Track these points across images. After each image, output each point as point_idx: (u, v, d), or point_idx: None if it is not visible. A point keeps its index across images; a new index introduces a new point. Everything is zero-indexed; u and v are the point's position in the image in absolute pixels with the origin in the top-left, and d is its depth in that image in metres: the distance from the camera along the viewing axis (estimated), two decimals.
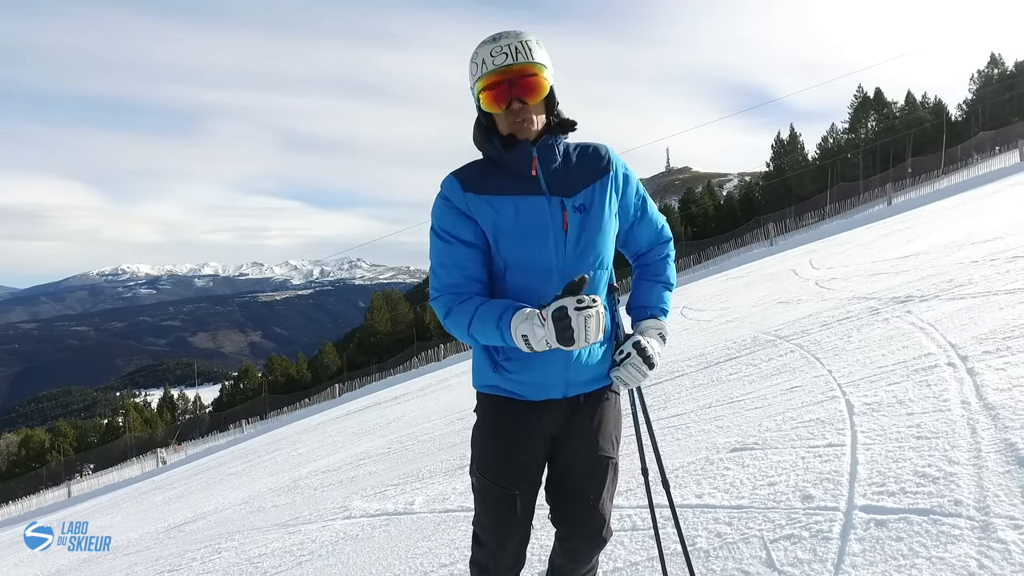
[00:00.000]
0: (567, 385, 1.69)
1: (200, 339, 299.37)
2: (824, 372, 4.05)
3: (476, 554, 1.86)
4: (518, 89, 1.57)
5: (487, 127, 1.65)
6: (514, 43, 1.55)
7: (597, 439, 1.76)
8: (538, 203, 1.61)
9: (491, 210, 1.61)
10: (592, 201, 1.65)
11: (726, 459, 3.04)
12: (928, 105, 49.20)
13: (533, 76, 1.57)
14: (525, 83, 1.57)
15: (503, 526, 1.76)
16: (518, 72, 1.56)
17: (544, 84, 1.59)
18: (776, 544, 2.12)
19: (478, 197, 1.62)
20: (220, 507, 7.34)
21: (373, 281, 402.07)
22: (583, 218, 1.63)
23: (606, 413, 1.79)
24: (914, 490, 2.12)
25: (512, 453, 1.73)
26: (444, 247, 1.64)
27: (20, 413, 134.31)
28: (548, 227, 1.60)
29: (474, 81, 1.61)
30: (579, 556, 1.80)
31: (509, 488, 1.72)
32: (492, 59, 1.56)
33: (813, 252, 15.22)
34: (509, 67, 1.55)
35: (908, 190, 30.84)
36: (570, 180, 1.64)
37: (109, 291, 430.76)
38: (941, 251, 7.72)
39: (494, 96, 1.58)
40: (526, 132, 1.60)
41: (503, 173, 1.63)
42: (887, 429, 2.73)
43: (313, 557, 3.73)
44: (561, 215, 1.61)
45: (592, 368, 1.72)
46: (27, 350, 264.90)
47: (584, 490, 1.74)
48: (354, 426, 12.29)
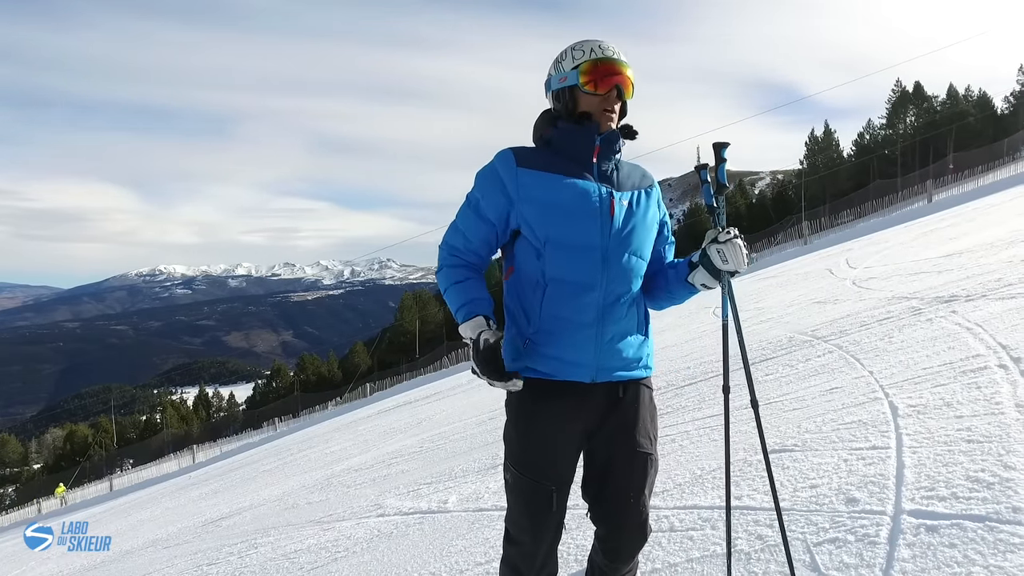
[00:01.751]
0: (597, 369, 1.69)
1: (234, 338, 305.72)
2: (865, 373, 3.94)
3: (508, 553, 1.82)
4: (619, 79, 1.69)
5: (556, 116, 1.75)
6: (611, 46, 1.71)
7: (636, 434, 1.74)
8: (588, 186, 1.70)
9: (541, 185, 1.68)
10: (638, 202, 1.76)
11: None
12: (972, 98, 47.61)
13: (629, 78, 1.72)
14: (627, 79, 1.71)
15: (538, 523, 1.74)
16: (620, 68, 1.70)
17: (631, 90, 1.73)
18: (820, 547, 2.07)
19: (530, 172, 1.69)
20: (255, 503, 7.48)
21: (403, 281, 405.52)
22: (629, 212, 1.73)
23: (645, 408, 1.78)
24: (967, 495, 2.05)
25: (545, 445, 1.71)
26: (466, 211, 1.76)
27: (65, 409, 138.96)
28: (596, 209, 1.68)
29: (576, 63, 1.70)
30: (620, 555, 1.78)
31: (543, 482, 1.70)
32: (602, 50, 1.69)
33: (849, 251, 14.86)
34: (615, 61, 1.69)
35: (950, 187, 29.89)
36: (620, 180, 1.76)
37: (147, 291, 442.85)
38: (987, 249, 7.46)
39: (602, 73, 1.68)
40: (607, 120, 1.71)
41: (560, 156, 1.72)
42: (935, 432, 2.64)
43: (348, 554, 3.76)
44: (609, 202, 1.70)
45: (623, 354, 1.72)
46: (71, 348, 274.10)
47: (625, 487, 1.72)
48: (385, 425, 12.41)
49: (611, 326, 1.69)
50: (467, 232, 1.75)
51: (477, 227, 1.74)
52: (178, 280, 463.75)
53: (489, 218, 1.72)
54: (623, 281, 1.70)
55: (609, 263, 1.67)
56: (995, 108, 46.42)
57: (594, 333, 1.66)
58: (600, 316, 1.67)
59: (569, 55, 1.73)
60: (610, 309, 1.68)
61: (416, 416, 11.79)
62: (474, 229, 1.74)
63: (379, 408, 19.58)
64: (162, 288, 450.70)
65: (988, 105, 46.42)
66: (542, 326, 1.67)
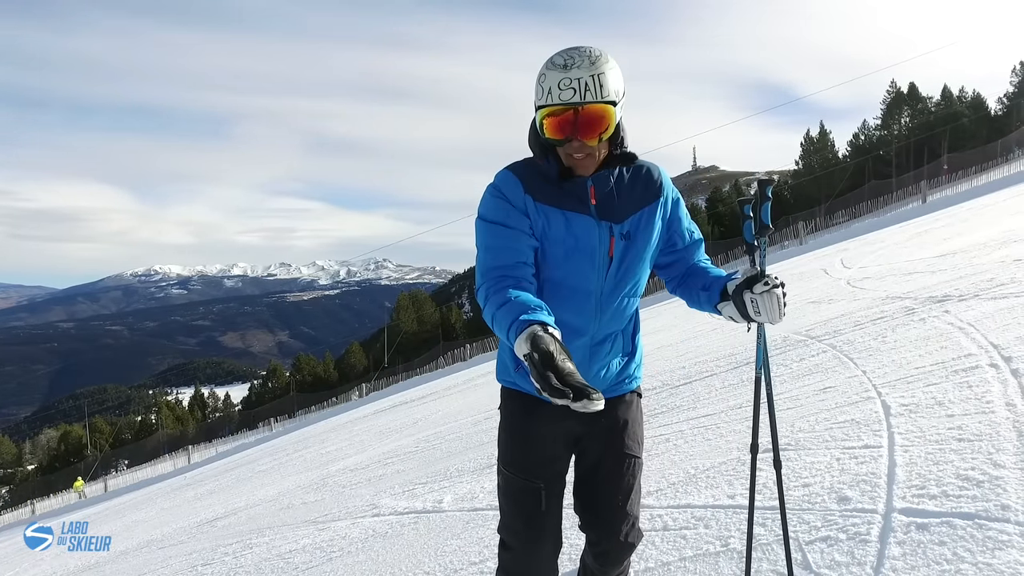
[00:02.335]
0: None
1: (230, 338, 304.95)
2: (858, 373, 3.96)
3: (503, 560, 1.78)
4: (582, 129, 1.49)
5: (546, 144, 1.58)
6: (585, 77, 1.45)
7: (623, 438, 1.75)
8: (588, 225, 1.59)
9: (543, 219, 1.58)
10: (638, 227, 1.63)
11: (759, 460, 2.98)
12: (966, 99, 47.80)
13: (599, 118, 1.49)
14: (590, 122, 1.49)
15: (530, 523, 1.72)
16: (583, 115, 1.48)
17: (610, 123, 1.51)
18: (812, 546, 2.08)
19: (534, 202, 1.58)
20: (250, 503, 7.46)
21: (399, 281, 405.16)
22: (627, 245, 1.62)
23: (631, 413, 1.79)
24: (957, 493, 2.07)
25: (535, 445, 1.72)
26: (493, 229, 1.57)
27: (59, 409, 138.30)
28: (596, 249, 1.59)
29: (538, 104, 1.53)
30: (610, 560, 1.78)
31: (533, 481, 1.70)
32: (559, 92, 1.47)
33: (844, 251, 14.92)
34: (575, 107, 1.47)
35: (944, 188, 30.04)
36: (621, 205, 1.62)
37: (142, 291, 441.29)
38: (980, 249, 7.50)
39: (557, 125, 1.50)
40: (582, 169, 1.57)
41: (557, 187, 1.59)
42: (926, 431, 2.66)
43: (343, 554, 3.76)
44: (608, 241, 1.60)
45: (608, 379, 1.73)
46: (65, 348, 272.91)
47: (612, 491, 1.73)
48: (381, 425, 12.40)
49: (598, 362, 1.69)
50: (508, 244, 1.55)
51: (516, 236, 1.55)
52: (174, 280, 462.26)
53: (524, 228, 1.56)
54: (614, 322, 1.68)
55: (603, 308, 1.64)
56: (989, 109, 46.61)
57: (582, 365, 1.64)
58: (588, 356, 1.67)
59: (535, 88, 1.54)
60: (597, 348, 1.68)
61: (412, 416, 11.79)
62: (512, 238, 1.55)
63: (375, 408, 19.56)
64: (157, 288, 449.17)
65: (982, 106, 46.61)
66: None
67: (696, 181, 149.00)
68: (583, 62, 1.47)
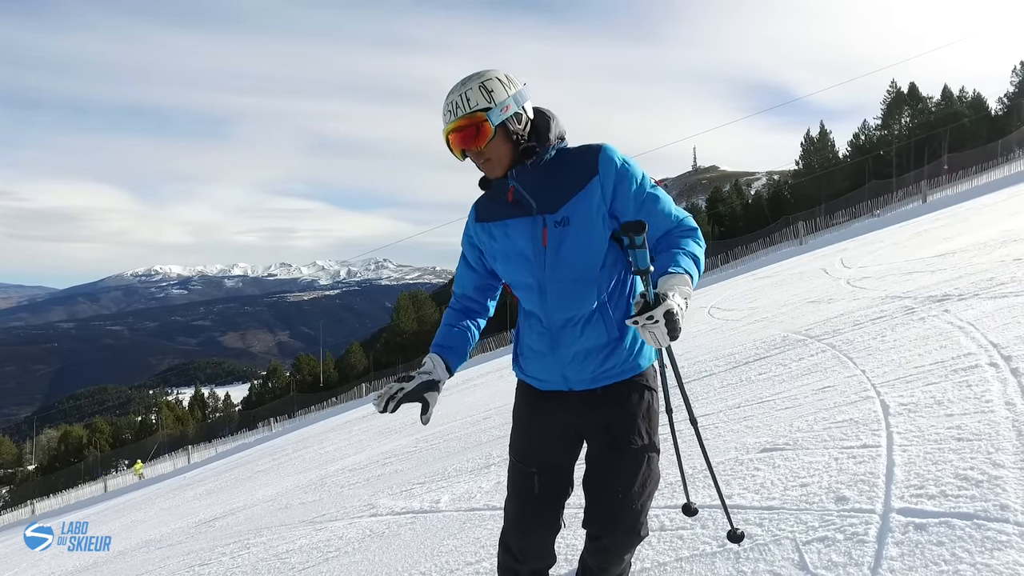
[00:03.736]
0: (566, 380, 1.79)
1: (230, 339, 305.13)
2: (857, 372, 3.94)
3: (503, 531, 1.95)
4: (464, 140, 1.68)
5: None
6: (456, 98, 1.67)
7: (621, 431, 1.73)
8: (522, 225, 1.74)
9: (488, 237, 1.83)
10: (574, 212, 1.68)
11: (756, 459, 2.98)
12: (966, 99, 47.80)
13: (469, 128, 1.66)
14: (466, 135, 1.67)
15: (520, 504, 1.86)
16: (456, 129, 1.68)
17: (486, 130, 1.66)
18: (809, 546, 2.06)
19: (481, 226, 1.84)
20: (249, 504, 7.46)
21: (399, 282, 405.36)
22: (562, 232, 1.69)
23: (632, 406, 1.75)
24: (955, 493, 2.05)
25: (530, 430, 1.89)
26: (460, 264, 1.98)
27: (59, 410, 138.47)
28: (528, 247, 1.74)
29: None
30: (610, 555, 1.77)
31: (527, 465, 1.85)
32: (443, 118, 1.71)
33: (844, 251, 14.91)
34: (450, 128, 1.69)
35: (944, 187, 30.03)
36: (554, 195, 1.70)
37: (142, 291, 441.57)
38: (980, 249, 7.49)
39: (453, 144, 1.71)
40: (492, 172, 1.73)
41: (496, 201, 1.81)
42: (925, 430, 2.64)
43: (340, 554, 3.75)
44: (541, 232, 1.71)
45: (591, 368, 1.74)
46: (66, 349, 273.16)
47: (610, 483, 1.71)
48: (380, 425, 12.38)
49: (567, 348, 1.75)
50: (462, 280, 1.98)
51: (468, 276, 1.95)
52: (174, 280, 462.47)
53: (474, 267, 1.93)
54: (566, 308, 1.72)
55: (546, 295, 1.74)
56: (989, 109, 46.62)
57: (552, 358, 1.78)
58: (553, 342, 1.77)
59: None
60: (560, 334, 1.75)
61: (411, 416, 11.76)
62: (466, 278, 1.96)
63: (374, 408, 19.53)
64: (158, 288, 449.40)
65: (982, 106, 46.62)
66: (522, 350, 1.90)
67: (696, 181, 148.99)
68: (458, 86, 1.69)
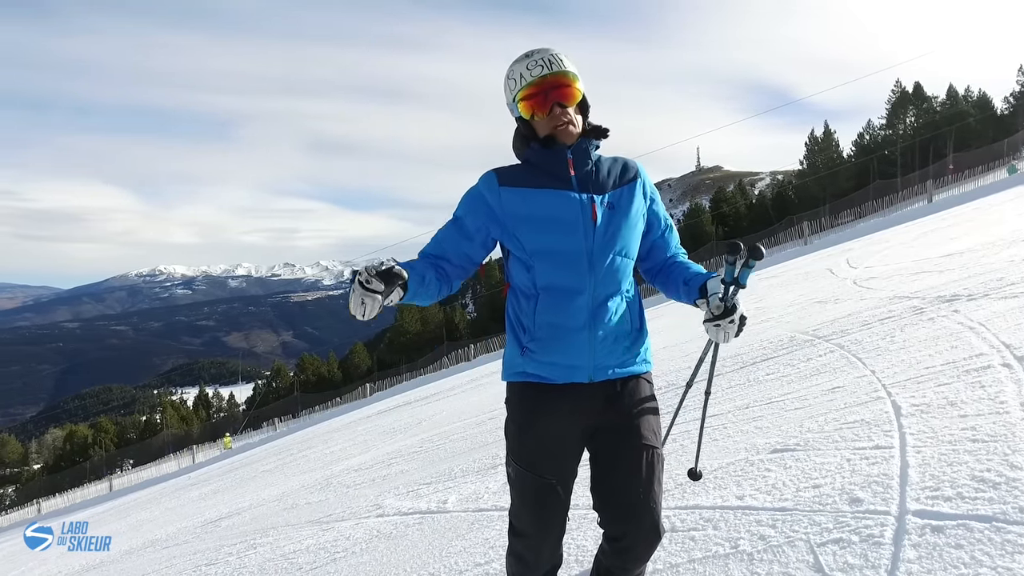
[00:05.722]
0: (593, 368, 1.72)
1: (234, 339, 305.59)
2: (867, 372, 3.92)
3: (514, 545, 1.86)
4: (556, 94, 1.70)
5: (526, 135, 1.78)
6: (546, 56, 1.71)
7: (640, 430, 1.74)
8: (568, 196, 1.72)
9: (523, 201, 1.72)
10: (620, 200, 1.76)
11: (766, 460, 2.96)
12: (972, 99, 47.58)
13: (567, 85, 1.71)
14: (562, 90, 1.71)
15: (542, 516, 1.77)
16: (553, 81, 1.70)
17: (578, 91, 1.73)
18: (824, 548, 2.04)
19: (512, 189, 1.74)
20: (255, 503, 7.45)
21: None
22: (611, 213, 1.73)
23: (645, 403, 1.78)
24: (973, 495, 2.02)
25: (545, 440, 1.74)
26: (448, 227, 1.82)
27: (64, 409, 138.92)
28: (578, 217, 1.70)
29: (513, 95, 1.75)
30: (633, 556, 1.73)
31: (546, 476, 1.74)
32: (529, 72, 1.71)
33: (850, 251, 14.85)
34: (545, 77, 1.70)
35: (950, 187, 29.90)
36: (601, 182, 1.76)
37: (147, 291, 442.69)
38: (988, 249, 7.44)
39: (535, 104, 1.71)
40: (567, 134, 1.72)
41: (540, 172, 1.75)
42: (939, 432, 2.62)
43: (347, 554, 3.74)
44: (591, 208, 1.71)
45: (618, 352, 1.75)
46: (70, 348, 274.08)
47: (633, 482, 1.69)
48: (385, 425, 12.38)
49: (603, 326, 1.72)
50: (444, 242, 1.80)
51: (456, 241, 1.79)
52: (178, 280, 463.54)
53: (470, 232, 1.78)
54: (611, 282, 1.73)
55: (595, 266, 1.70)
56: (995, 108, 46.40)
57: (587, 335, 1.70)
58: (591, 318, 1.71)
59: (507, 88, 1.78)
60: (600, 310, 1.71)
61: (416, 416, 11.76)
62: (452, 241, 1.79)
63: (378, 408, 19.56)
64: (162, 288, 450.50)
65: (988, 105, 46.41)
66: (537, 334, 1.73)
67: (700, 181, 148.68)
68: (541, 50, 1.73)
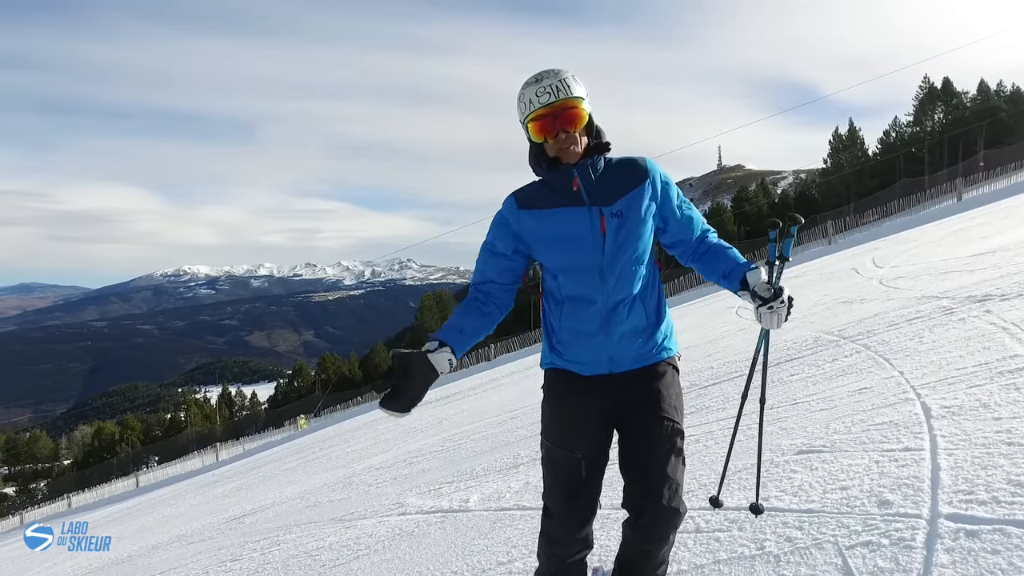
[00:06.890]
0: (611, 361, 1.87)
1: (256, 338, 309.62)
2: (895, 374, 3.85)
3: (545, 526, 1.98)
4: (562, 121, 1.81)
5: (537, 153, 1.91)
6: (555, 82, 1.81)
7: (660, 404, 1.85)
8: (579, 213, 1.85)
9: (537, 223, 1.89)
10: (628, 208, 1.86)
11: (792, 461, 2.92)
12: (1004, 93, 46.44)
13: (573, 109, 1.82)
14: (567, 115, 1.81)
15: (568, 489, 1.90)
16: (560, 107, 1.81)
17: (583, 114, 1.83)
18: (853, 551, 2.01)
19: (529, 212, 1.90)
20: (277, 501, 7.54)
21: (423, 282, 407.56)
22: (619, 223, 1.84)
23: (664, 382, 1.90)
24: (1009, 500, 1.97)
25: (571, 416, 1.91)
26: (483, 253, 2.00)
27: (93, 407, 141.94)
28: (587, 232, 1.84)
29: (524, 117, 1.86)
30: (653, 533, 1.78)
31: (572, 451, 1.88)
32: (538, 98, 1.81)
33: (876, 250, 14.59)
34: (552, 104, 1.80)
35: (980, 185, 29.18)
36: (608, 191, 1.86)
37: (171, 291, 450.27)
38: (1022, 248, 7.26)
39: (542, 127, 1.83)
40: (571, 155, 1.84)
41: (550, 190, 1.89)
42: (971, 434, 2.56)
43: (370, 552, 3.77)
44: (599, 221, 1.83)
45: (634, 348, 1.88)
46: (99, 347, 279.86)
47: (653, 456, 1.79)
48: (406, 424, 12.45)
49: (616, 328, 1.86)
50: (484, 266, 1.99)
51: (494, 262, 1.97)
52: (202, 280, 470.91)
53: (503, 253, 1.95)
54: (622, 289, 1.86)
55: (606, 277, 1.84)
56: None
57: (602, 339, 1.86)
58: (604, 323, 1.86)
59: (518, 108, 1.88)
60: (612, 315, 1.86)
61: (436, 415, 11.81)
62: (490, 264, 1.97)
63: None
64: (186, 288, 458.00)
65: (1021, 100, 45.24)
66: (561, 337, 1.93)
67: (722, 180, 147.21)
68: (550, 74, 1.83)
